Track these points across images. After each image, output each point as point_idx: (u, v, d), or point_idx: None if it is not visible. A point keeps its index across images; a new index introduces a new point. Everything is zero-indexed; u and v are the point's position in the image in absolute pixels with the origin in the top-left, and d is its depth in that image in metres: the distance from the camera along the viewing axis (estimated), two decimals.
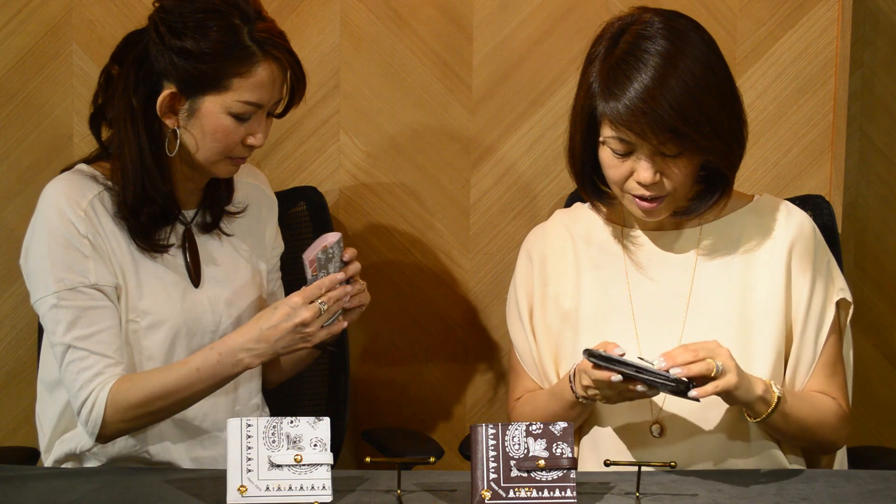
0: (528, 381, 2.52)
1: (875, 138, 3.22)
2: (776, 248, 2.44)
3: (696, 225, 2.47)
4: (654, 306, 2.44)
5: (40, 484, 2.24)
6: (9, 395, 3.11)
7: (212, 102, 2.36)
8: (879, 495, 2.19)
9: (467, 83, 3.08)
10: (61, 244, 2.37)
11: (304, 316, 2.32)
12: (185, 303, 2.46)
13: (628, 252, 2.48)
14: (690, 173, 2.35)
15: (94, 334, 2.36)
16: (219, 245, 2.53)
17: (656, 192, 2.34)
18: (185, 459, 2.47)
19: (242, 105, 2.36)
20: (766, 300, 2.42)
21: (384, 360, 3.16)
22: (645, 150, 2.31)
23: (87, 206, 2.39)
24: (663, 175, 2.33)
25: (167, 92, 2.36)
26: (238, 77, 2.35)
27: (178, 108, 2.38)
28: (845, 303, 2.47)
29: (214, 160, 2.41)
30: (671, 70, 2.28)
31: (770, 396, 2.30)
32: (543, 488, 2.07)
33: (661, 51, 2.29)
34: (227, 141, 2.39)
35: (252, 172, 2.65)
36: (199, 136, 2.39)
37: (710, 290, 2.43)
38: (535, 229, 2.59)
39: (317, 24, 3.05)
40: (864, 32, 3.17)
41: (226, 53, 2.33)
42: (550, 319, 2.49)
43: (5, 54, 3.03)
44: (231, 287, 2.52)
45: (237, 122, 2.38)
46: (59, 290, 2.36)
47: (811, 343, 2.43)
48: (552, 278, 2.51)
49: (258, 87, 2.37)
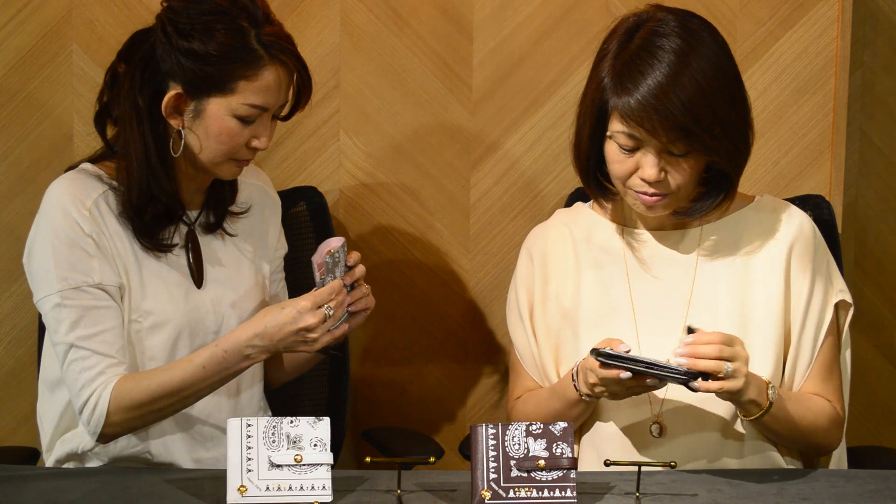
0: (528, 380, 2.52)
1: (875, 138, 3.22)
2: (776, 249, 2.44)
3: (698, 225, 2.47)
4: (654, 306, 2.44)
5: (40, 484, 2.24)
6: (9, 395, 3.11)
7: (217, 104, 2.36)
8: (879, 495, 2.19)
9: (467, 83, 3.08)
10: (65, 243, 2.37)
11: (309, 321, 2.32)
12: (188, 303, 2.46)
13: (629, 251, 2.48)
14: (695, 173, 2.35)
15: (97, 334, 2.36)
16: (222, 245, 2.53)
17: (660, 190, 2.34)
18: (186, 460, 2.47)
19: (248, 108, 2.36)
20: (766, 301, 2.42)
21: (384, 360, 3.16)
22: (652, 147, 2.31)
23: (91, 206, 2.39)
24: (668, 173, 2.33)
25: (173, 92, 2.36)
26: (244, 80, 2.35)
27: (183, 108, 2.38)
28: (845, 304, 2.47)
29: (218, 161, 2.41)
30: (684, 68, 2.28)
31: (762, 400, 2.30)
32: (543, 488, 2.07)
33: (676, 49, 2.29)
34: (232, 143, 2.39)
35: (256, 174, 2.66)
36: (203, 138, 2.38)
37: (711, 290, 2.43)
38: (536, 228, 2.60)
39: (317, 24, 3.05)
40: (864, 32, 3.17)
41: (233, 56, 2.33)
42: (551, 318, 2.49)
43: (5, 54, 3.03)
44: (234, 288, 2.52)
45: (242, 125, 2.38)
46: (62, 290, 2.36)
47: (809, 344, 2.43)
48: (553, 277, 2.51)
49: (264, 91, 2.36)
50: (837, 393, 2.45)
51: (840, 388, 2.47)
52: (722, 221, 2.47)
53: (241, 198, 2.57)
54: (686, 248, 2.47)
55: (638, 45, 2.32)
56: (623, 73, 2.31)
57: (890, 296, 3.26)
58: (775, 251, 2.44)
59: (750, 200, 2.50)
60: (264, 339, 2.34)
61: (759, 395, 2.29)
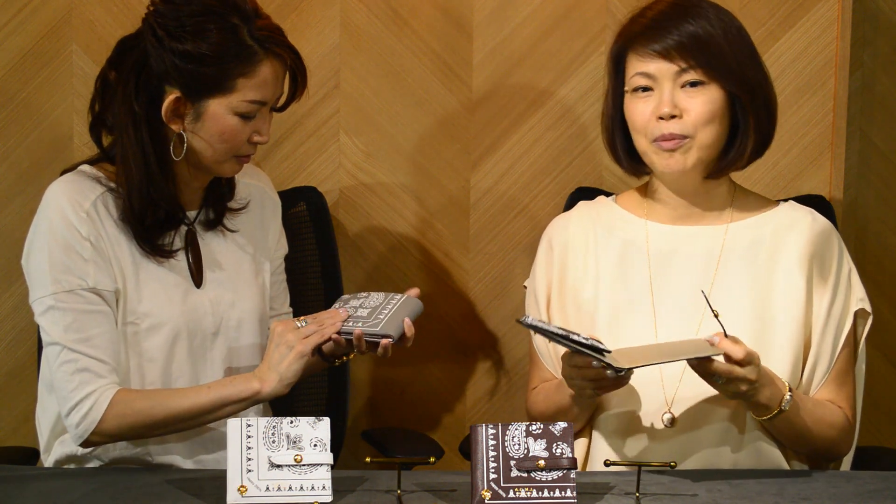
0: (544, 370, 2.53)
1: (875, 138, 3.22)
2: (799, 254, 2.43)
3: (723, 222, 2.46)
4: (674, 301, 2.43)
5: (40, 484, 2.24)
6: (9, 395, 3.11)
7: (218, 104, 2.36)
8: (879, 495, 2.19)
9: (467, 83, 3.08)
10: (61, 246, 2.36)
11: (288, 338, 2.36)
12: (186, 304, 2.45)
13: (651, 246, 2.48)
14: (711, 111, 2.37)
15: (89, 338, 2.36)
16: (222, 244, 2.53)
17: (677, 130, 2.35)
18: (187, 462, 2.46)
19: (248, 104, 2.36)
20: (787, 306, 2.41)
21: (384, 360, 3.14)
22: (666, 81, 2.35)
23: (89, 207, 2.38)
24: (684, 112, 2.35)
25: (172, 97, 2.35)
26: (243, 77, 2.34)
27: (183, 112, 2.37)
28: (864, 313, 2.47)
29: (222, 160, 2.41)
30: (695, 8, 2.39)
31: (773, 405, 2.30)
32: (543, 488, 2.07)
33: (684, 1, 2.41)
34: (235, 140, 2.39)
35: (255, 174, 2.65)
36: (206, 138, 2.38)
37: (731, 289, 2.42)
38: (558, 219, 2.60)
39: (317, 24, 3.05)
40: (864, 32, 3.17)
41: (229, 55, 2.33)
42: (569, 310, 2.49)
43: (5, 54, 3.03)
44: (233, 288, 2.51)
45: (243, 122, 2.38)
46: (56, 292, 2.36)
47: (828, 351, 2.42)
48: (572, 268, 2.51)
49: (262, 86, 2.36)
50: (850, 400, 2.45)
51: (853, 396, 2.47)
52: (746, 223, 2.47)
53: (240, 195, 2.57)
54: (709, 245, 2.46)
55: (646, 6, 2.44)
56: (634, 16, 2.42)
57: (890, 296, 3.26)
58: (798, 255, 2.43)
59: (774, 206, 2.51)
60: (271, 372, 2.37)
61: (771, 400, 2.29)
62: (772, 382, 2.30)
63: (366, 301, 2.42)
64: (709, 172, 2.43)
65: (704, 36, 2.36)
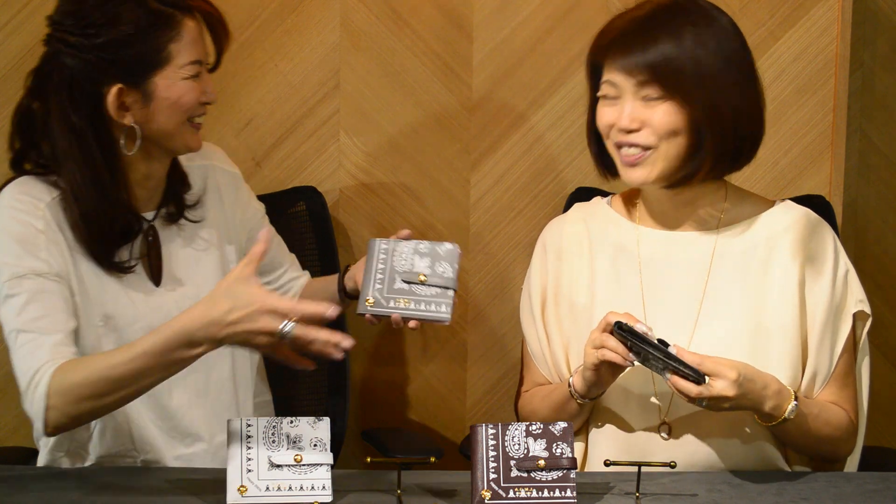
0: (537, 374, 2.52)
1: (875, 138, 3.22)
2: (794, 256, 2.41)
3: (714, 227, 2.46)
4: (666, 306, 2.42)
5: (40, 484, 2.24)
6: (9, 395, 3.11)
7: (162, 78, 2.33)
8: (879, 495, 2.19)
9: (467, 83, 3.08)
10: (15, 238, 2.32)
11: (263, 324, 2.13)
12: (149, 305, 2.43)
13: (644, 250, 2.47)
14: (673, 124, 2.33)
15: (44, 316, 2.29)
16: (183, 240, 2.49)
17: (639, 142, 2.34)
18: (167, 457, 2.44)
19: (189, 66, 2.35)
20: (782, 308, 2.39)
21: (384, 360, 3.16)
22: (629, 94, 2.34)
23: (44, 208, 2.35)
24: (645, 124, 2.34)
25: (114, 90, 2.32)
26: (172, 42, 2.32)
27: (129, 102, 2.34)
28: (863, 315, 2.46)
29: (178, 131, 2.38)
30: (672, 22, 2.34)
31: (777, 413, 2.29)
32: (543, 488, 2.07)
33: (659, 5, 2.38)
34: (188, 104, 2.36)
35: (203, 153, 2.55)
36: (162, 114, 2.35)
37: (725, 293, 2.41)
38: (553, 222, 2.59)
39: (317, 24, 3.05)
40: (864, 32, 3.18)
41: (149, 26, 2.31)
42: (563, 313, 2.49)
43: (5, 54, 3.03)
44: (196, 283, 2.47)
45: (191, 84, 2.36)
46: (9, 279, 2.30)
47: (827, 356, 2.40)
48: (566, 272, 2.50)
49: (194, 43, 2.35)
50: (852, 401, 2.44)
51: (855, 397, 2.45)
52: (739, 226, 2.44)
53: (193, 182, 2.52)
54: (701, 250, 2.44)
55: (620, 14, 2.42)
56: (605, 31, 2.40)
57: (890, 296, 3.26)
58: (792, 257, 2.41)
59: (769, 206, 2.48)
60: (213, 327, 2.14)
61: (776, 409, 2.28)
62: (777, 394, 2.28)
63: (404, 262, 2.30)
64: (668, 183, 2.41)
65: (668, 56, 2.31)
